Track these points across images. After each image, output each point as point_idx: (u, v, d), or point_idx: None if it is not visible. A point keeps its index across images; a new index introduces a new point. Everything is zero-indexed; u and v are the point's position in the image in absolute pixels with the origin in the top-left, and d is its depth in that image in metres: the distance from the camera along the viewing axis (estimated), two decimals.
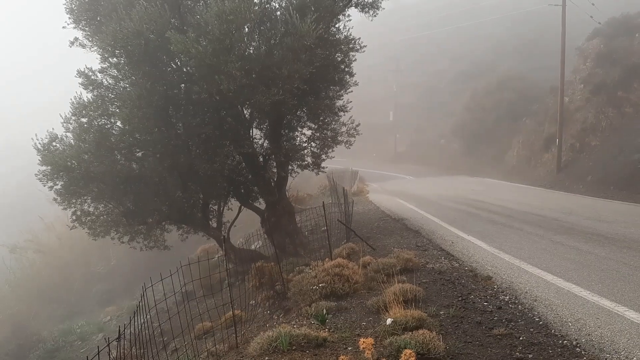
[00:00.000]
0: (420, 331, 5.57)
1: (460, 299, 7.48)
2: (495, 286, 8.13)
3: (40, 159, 12.40)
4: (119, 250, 24.95)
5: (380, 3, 14.81)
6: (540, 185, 27.30)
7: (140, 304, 5.46)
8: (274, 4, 13.39)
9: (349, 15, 14.73)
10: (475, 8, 60.32)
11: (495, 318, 6.54)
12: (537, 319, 6.43)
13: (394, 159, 57.10)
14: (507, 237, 12.44)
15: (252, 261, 13.41)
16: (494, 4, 58.03)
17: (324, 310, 7.45)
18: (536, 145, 33.52)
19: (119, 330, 4.40)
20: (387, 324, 6.16)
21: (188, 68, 13.02)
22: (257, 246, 17.20)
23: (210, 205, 15.52)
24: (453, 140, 47.87)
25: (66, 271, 29.34)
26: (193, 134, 13.57)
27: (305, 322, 7.31)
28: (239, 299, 10.02)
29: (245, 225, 19.81)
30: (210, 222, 15.35)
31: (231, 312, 8.89)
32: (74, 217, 13.36)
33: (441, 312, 6.84)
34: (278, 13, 13.30)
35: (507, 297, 7.45)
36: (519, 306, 7.02)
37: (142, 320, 5.74)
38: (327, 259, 10.44)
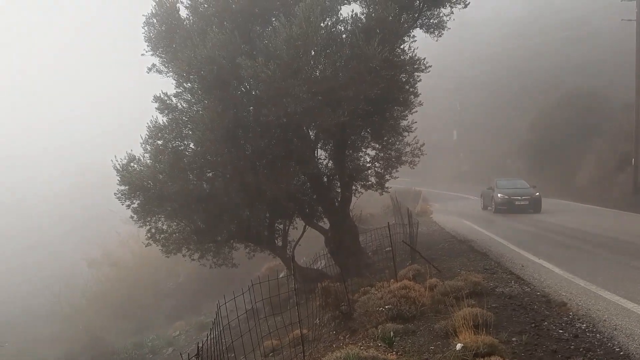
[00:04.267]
0: (492, 358, 5.48)
1: (533, 325, 7.26)
2: (571, 313, 7.82)
3: (119, 179, 13.13)
4: (187, 267, 25.81)
5: (446, 23, 14.81)
6: (615, 207, 25.96)
7: (216, 320, 5.67)
8: (339, 27, 13.66)
9: (413, 36, 14.80)
10: (540, 25, 58.72)
11: (572, 347, 6.30)
12: (618, 349, 6.15)
13: (457, 178, 56.00)
14: (581, 261, 11.95)
15: (316, 280, 13.51)
16: (561, 20, 56.27)
17: (391, 333, 7.44)
18: (609, 165, 31.97)
19: (198, 346, 4.61)
20: (457, 349, 6.08)
21: (256, 91, 13.45)
22: (321, 265, 17.33)
23: (276, 224, 15.83)
24: (518, 159, 46.43)
25: (138, 286, 30.59)
26: (260, 155, 13.99)
27: (372, 344, 7.31)
28: (305, 318, 10.14)
29: (309, 244, 20.01)
30: (276, 241, 15.64)
31: (296, 331, 9.03)
32: (148, 235, 14.00)
33: (513, 339, 6.67)
34: (344, 36, 13.56)
35: (584, 325, 7.15)
36: (598, 335, 6.74)
37: (212, 336, 5.96)
38: (392, 280, 10.39)
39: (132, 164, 13.34)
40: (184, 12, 13.65)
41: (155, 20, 13.40)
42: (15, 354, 20.76)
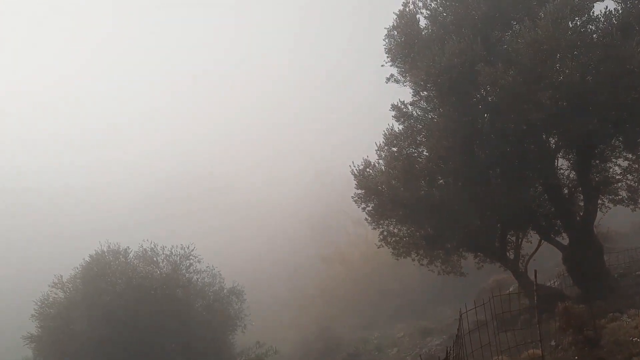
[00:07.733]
0: None
1: None
2: None
3: (356, 183, 14.14)
4: (410, 272, 26.28)
5: None
6: None
7: (459, 330, 5.75)
8: (590, 26, 12.51)
9: None
10: None
11: None
12: None
13: None
14: None
15: (551, 300, 12.59)
16: None
17: None
18: None
19: (447, 351, 4.75)
20: None
21: (493, 98, 13.12)
22: (556, 284, 16.09)
23: (508, 236, 15.16)
24: None
25: (363, 284, 32.21)
26: (494, 164, 13.60)
27: None
28: (541, 339, 9.54)
29: (542, 259, 18.69)
30: (507, 254, 14.98)
31: (532, 351, 8.63)
32: (381, 237, 14.73)
33: None
34: (594, 36, 12.39)
35: None
36: None
37: (438, 342, 6.05)
38: None
39: (367, 170, 14.23)
40: (422, 22, 14.07)
41: (395, 33, 14.07)
42: (261, 333, 23.72)
